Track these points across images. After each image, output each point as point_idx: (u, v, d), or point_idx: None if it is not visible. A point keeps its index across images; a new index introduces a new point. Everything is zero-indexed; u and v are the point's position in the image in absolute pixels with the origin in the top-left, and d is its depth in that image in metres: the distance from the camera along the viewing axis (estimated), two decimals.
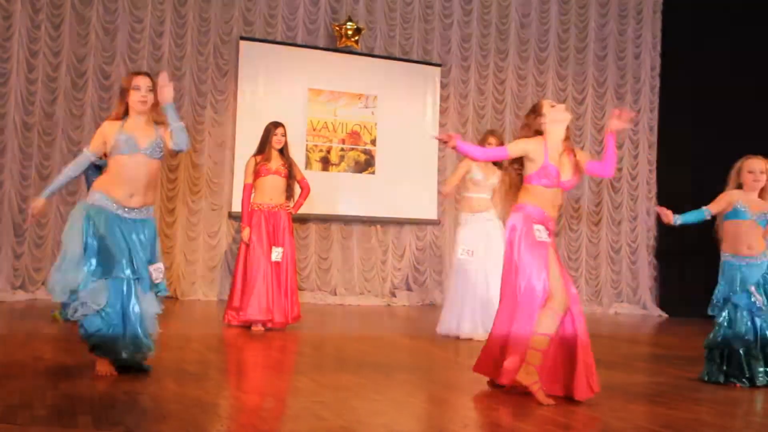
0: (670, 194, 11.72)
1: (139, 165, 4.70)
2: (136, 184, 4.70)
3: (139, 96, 4.72)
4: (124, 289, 4.64)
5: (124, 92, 4.78)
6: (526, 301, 4.54)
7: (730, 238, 5.52)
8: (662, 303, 11.64)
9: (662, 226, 11.77)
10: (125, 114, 4.79)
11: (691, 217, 5.55)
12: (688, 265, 11.35)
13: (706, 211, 5.54)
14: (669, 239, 11.66)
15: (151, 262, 4.73)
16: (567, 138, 4.79)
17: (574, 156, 4.78)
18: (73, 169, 4.86)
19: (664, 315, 11.45)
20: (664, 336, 9.31)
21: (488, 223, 7.41)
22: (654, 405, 4.79)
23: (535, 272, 4.54)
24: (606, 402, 4.60)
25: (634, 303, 11.70)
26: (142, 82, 4.75)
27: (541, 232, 4.63)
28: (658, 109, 11.93)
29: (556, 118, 4.73)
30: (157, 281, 4.73)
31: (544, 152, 4.66)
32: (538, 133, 4.76)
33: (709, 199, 11.72)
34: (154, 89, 4.75)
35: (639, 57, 11.94)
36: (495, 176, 7.13)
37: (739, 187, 5.58)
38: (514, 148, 4.75)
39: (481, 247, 7.28)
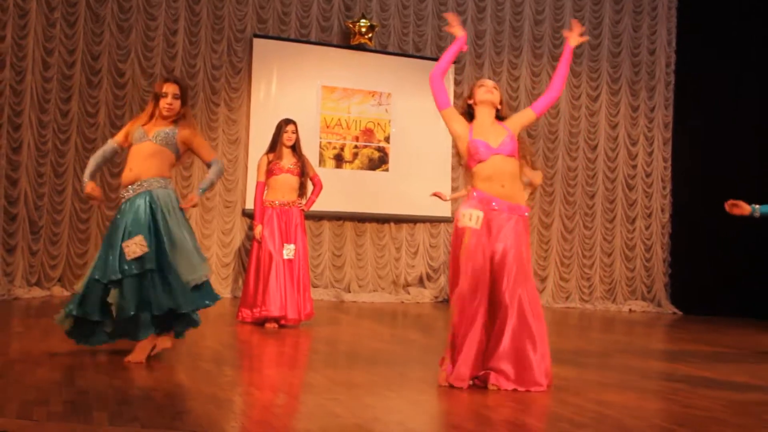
0: (685, 191, 11.69)
1: (142, 148, 5.06)
2: (135, 161, 5.06)
3: (165, 103, 5.05)
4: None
5: (156, 96, 5.10)
6: None
7: None
8: (676, 300, 11.60)
9: (677, 224, 11.74)
10: (152, 116, 5.12)
11: None
12: (702, 262, 11.31)
13: None
14: (683, 237, 11.62)
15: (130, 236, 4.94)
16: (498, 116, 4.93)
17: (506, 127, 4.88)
18: (97, 156, 5.24)
19: (679, 312, 11.41)
20: (679, 333, 9.27)
21: None
22: (669, 402, 4.78)
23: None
24: (620, 400, 4.59)
25: (649, 300, 11.66)
26: (170, 89, 5.07)
27: (464, 218, 4.72)
28: (673, 106, 11.87)
29: (482, 99, 4.88)
30: (129, 257, 4.88)
31: (469, 131, 4.83)
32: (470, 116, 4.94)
33: (724, 195, 11.66)
34: (181, 96, 5.09)
35: (654, 53, 11.89)
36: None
37: None
38: (451, 111, 4.90)
39: None
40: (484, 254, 4.64)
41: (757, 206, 5.10)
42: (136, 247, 4.88)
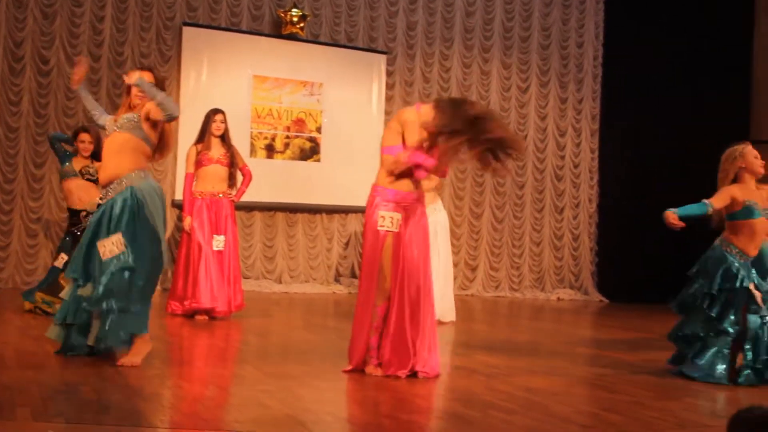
0: (611, 182, 11.94)
1: (111, 142, 4.94)
2: (106, 159, 4.94)
3: (137, 91, 4.95)
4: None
5: (128, 87, 5.00)
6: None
7: (745, 238, 5.21)
8: (603, 288, 11.84)
9: (603, 213, 11.98)
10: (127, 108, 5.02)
11: (691, 210, 5.11)
12: (627, 251, 11.57)
13: (709, 206, 5.11)
14: (609, 226, 11.87)
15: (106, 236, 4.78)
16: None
17: None
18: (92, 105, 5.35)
19: (605, 300, 11.65)
20: (605, 320, 9.48)
21: (437, 213, 7.51)
22: (595, 389, 4.89)
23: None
24: (549, 386, 4.68)
25: (576, 288, 11.88)
26: (144, 76, 4.95)
27: (385, 220, 4.71)
28: (601, 98, 12.09)
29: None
30: (104, 257, 4.70)
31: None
32: None
33: (649, 186, 11.92)
34: (157, 84, 4.94)
35: (582, 46, 12.08)
36: None
37: (734, 179, 5.23)
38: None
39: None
40: (402, 252, 4.73)
41: (676, 210, 5.14)
42: (113, 246, 4.73)
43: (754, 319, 5.14)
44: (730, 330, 5.12)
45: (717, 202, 5.16)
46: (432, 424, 3.87)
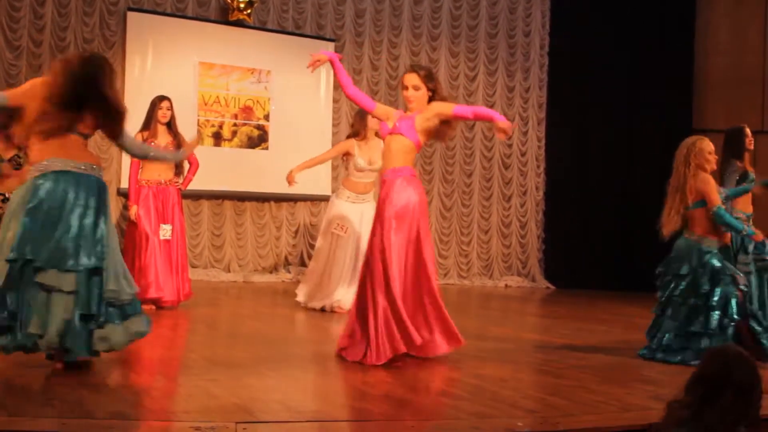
0: (558, 170, 12.08)
1: None
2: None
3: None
4: None
5: None
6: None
7: (718, 226, 5.32)
8: (549, 275, 11.99)
9: (550, 201, 12.12)
10: None
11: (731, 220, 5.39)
12: (573, 239, 11.73)
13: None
14: (556, 214, 12.02)
15: None
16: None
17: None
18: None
19: (552, 287, 11.80)
20: (552, 307, 9.60)
21: (365, 204, 7.54)
22: (542, 374, 4.95)
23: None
24: (495, 372, 4.73)
25: (524, 276, 12.01)
26: None
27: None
28: (547, 87, 12.20)
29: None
30: None
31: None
32: None
33: (595, 174, 12.00)
34: None
35: (529, 35, 12.17)
36: (379, 163, 7.03)
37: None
38: (381, 108, 5.25)
39: (355, 224, 7.42)
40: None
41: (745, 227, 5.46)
42: None
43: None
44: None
45: (715, 196, 5.30)
46: (381, 410, 3.89)
